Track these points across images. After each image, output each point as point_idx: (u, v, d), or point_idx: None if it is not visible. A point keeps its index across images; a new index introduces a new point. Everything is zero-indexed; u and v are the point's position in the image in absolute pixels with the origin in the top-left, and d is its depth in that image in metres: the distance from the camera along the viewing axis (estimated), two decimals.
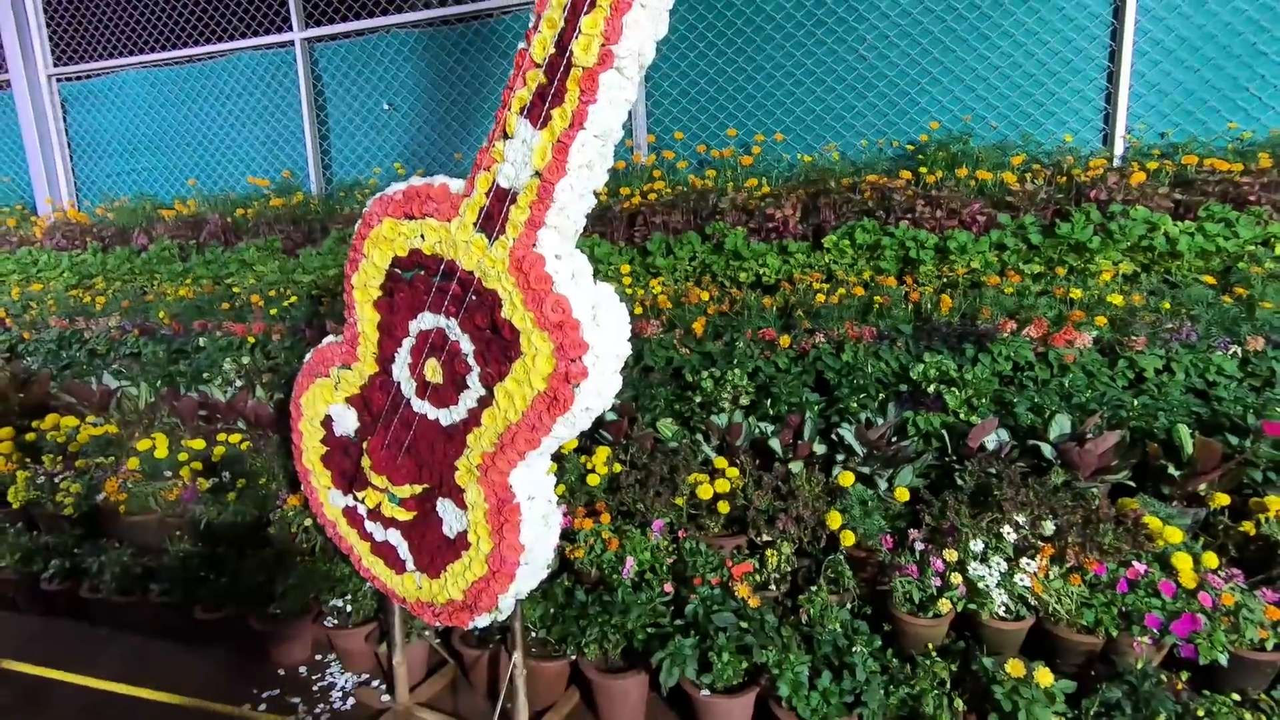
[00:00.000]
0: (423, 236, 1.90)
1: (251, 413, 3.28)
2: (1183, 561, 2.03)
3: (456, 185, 1.85)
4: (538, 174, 1.68)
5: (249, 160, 5.28)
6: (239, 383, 3.53)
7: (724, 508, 2.52)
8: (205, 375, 3.60)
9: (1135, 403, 2.47)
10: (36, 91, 5.64)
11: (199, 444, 3.19)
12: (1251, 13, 3.43)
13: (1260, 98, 3.47)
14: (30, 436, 3.51)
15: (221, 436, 3.21)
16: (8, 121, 5.99)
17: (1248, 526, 2.16)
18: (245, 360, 3.61)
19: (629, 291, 3.42)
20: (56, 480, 3.22)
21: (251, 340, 3.73)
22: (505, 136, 1.72)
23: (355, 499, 2.21)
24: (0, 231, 5.33)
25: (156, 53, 5.41)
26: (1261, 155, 3.12)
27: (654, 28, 1.61)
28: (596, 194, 1.81)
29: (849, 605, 2.27)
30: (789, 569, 2.39)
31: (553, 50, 1.63)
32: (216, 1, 5.19)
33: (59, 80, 5.74)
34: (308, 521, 2.78)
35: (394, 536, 2.16)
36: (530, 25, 1.66)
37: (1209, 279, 2.81)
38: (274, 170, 5.17)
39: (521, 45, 1.68)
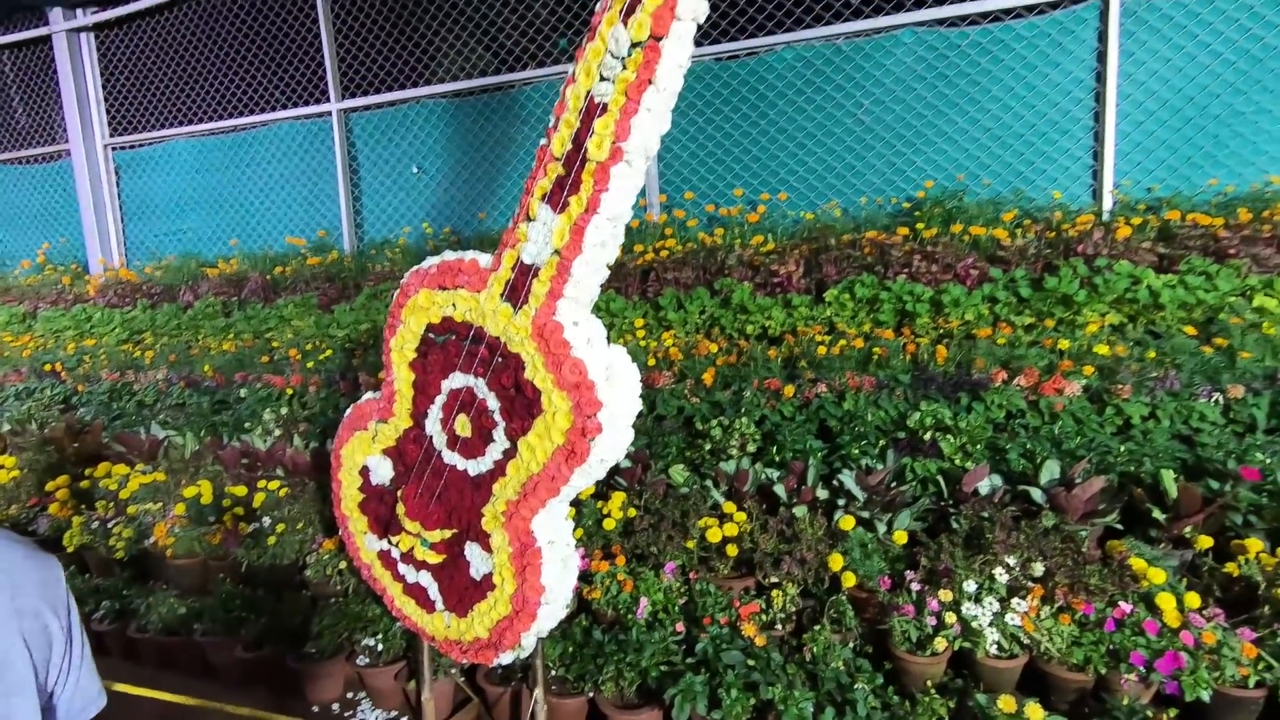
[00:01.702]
0: (454, 305, 2.13)
1: (290, 461, 3.50)
2: (1166, 601, 2.14)
3: (485, 260, 2.09)
4: (557, 252, 1.90)
5: (287, 221, 5.64)
6: (277, 432, 3.76)
7: (732, 550, 2.66)
8: (246, 425, 3.84)
9: (1122, 449, 2.60)
10: (93, 160, 6.09)
11: (241, 491, 3.40)
12: (1227, 76, 3.63)
13: (1240, 154, 3.66)
14: (84, 484, 3.75)
15: (261, 483, 3.42)
16: (64, 187, 6.44)
17: (1231, 568, 2.27)
18: (284, 411, 3.85)
19: (642, 344, 3.62)
20: (109, 525, 3.44)
21: (289, 392, 3.97)
22: (528, 219, 1.96)
23: (390, 543, 2.40)
24: (56, 290, 5.70)
25: (204, 123, 5.84)
26: (1241, 210, 3.29)
27: (659, 126, 1.85)
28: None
29: (851, 644, 2.40)
30: (794, 609, 2.52)
31: (570, 147, 1.87)
32: (260, 76, 5.62)
33: (114, 149, 6.19)
34: (342, 564, 2.97)
35: (425, 578, 2.34)
36: (550, 125, 1.91)
37: (1190, 330, 2.96)
38: (310, 230, 5.51)
39: (543, 142, 1.93)
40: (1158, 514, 2.40)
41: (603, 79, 1.81)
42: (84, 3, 5.91)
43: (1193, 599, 2.15)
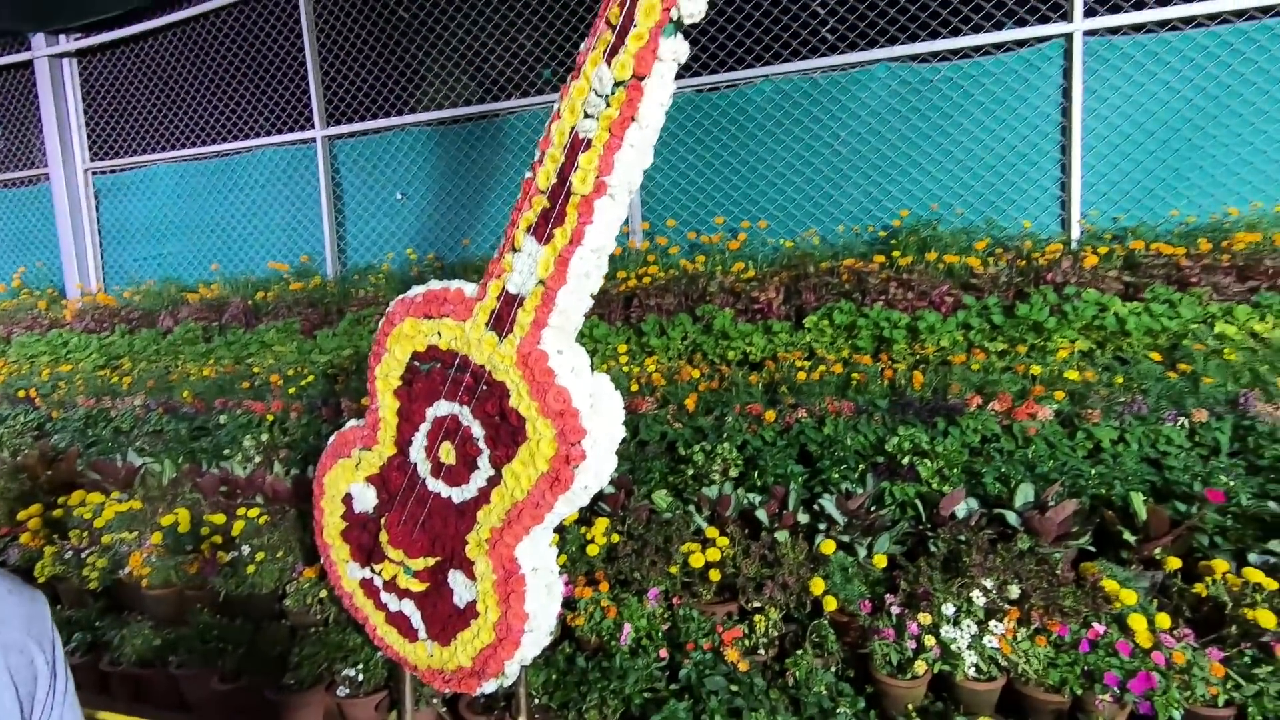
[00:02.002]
0: (440, 334, 2.15)
1: (269, 488, 3.47)
2: (1138, 622, 2.19)
3: (470, 289, 2.12)
4: (542, 282, 1.94)
5: (270, 246, 5.64)
6: (258, 459, 3.73)
7: (715, 575, 2.68)
8: (226, 452, 3.80)
9: (1093, 472, 2.67)
10: (73, 184, 6.06)
11: (220, 519, 3.36)
12: (1186, 113, 3.80)
13: (1200, 186, 3.81)
14: (58, 513, 3.68)
15: (241, 511, 3.39)
16: (42, 211, 6.39)
17: (1199, 588, 2.33)
18: (264, 437, 3.82)
19: (626, 369, 3.66)
20: (83, 555, 3.38)
21: (270, 418, 3.95)
22: (514, 250, 1.99)
23: (373, 571, 2.39)
24: (32, 314, 5.63)
25: (188, 148, 5.85)
26: (1201, 240, 3.42)
27: (641, 161, 1.90)
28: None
29: (833, 668, 2.42)
30: (776, 634, 2.54)
31: (555, 180, 1.92)
32: (245, 103, 5.65)
33: (94, 173, 6.16)
34: (322, 593, 2.94)
35: (408, 607, 2.33)
36: (535, 159, 1.96)
37: (1156, 356, 3.05)
38: (293, 255, 5.51)
39: (528, 175, 1.98)
40: (1128, 536, 2.46)
41: (587, 115, 1.87)
42: (68, 29, 5.93)
43: (1163, 620, 2.21)
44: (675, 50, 1.83)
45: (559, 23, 4.79)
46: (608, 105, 1.84)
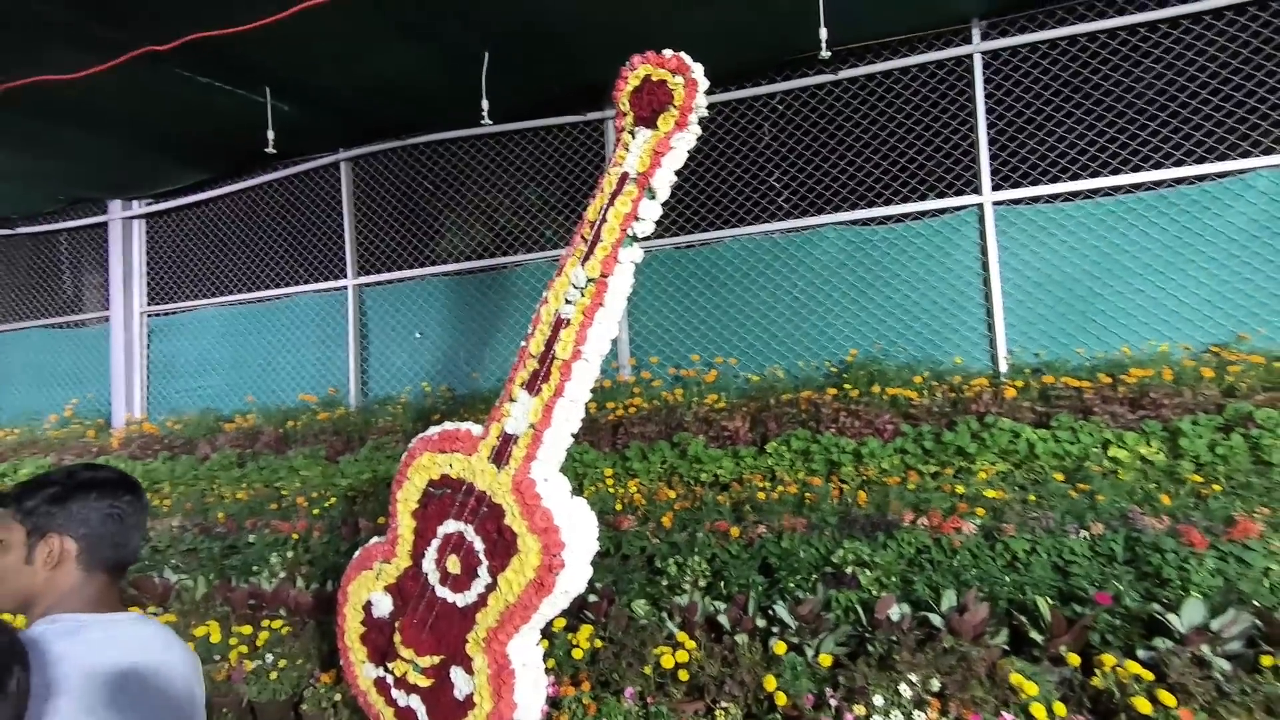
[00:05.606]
0: (451, 465, 2.70)
1: (293, 601, 3.89)
2: (1038, 710, 2.56)
3: (477, 430, 2.69)
4: (532, 425, 2.51)
5: (301, 379, 6.30)
6: (282, 574, 4.16)
7: (684, 675, 3.05)
8: (254, 568, 4.24)
9: (1008, 579, 3.09)
10: (130, 326, 6.84)
11: (247, 629, 3.76)
12: (1085, 265, 4.50)
13: (1105, 327, 4.44)
14: None
15: (266, 622, 3.79)
16: (96, 348, 7.13)
17: (1096, 681, 2.70)
18: (289, 554, 4.27)
19: (611, 491, 4.15)
20: None
21: (295, 537, 4.41)
22: (511, 400, 2.58)
23: (386, 670, 2.80)
24: (81, 443, 6.22)
25: (234, 294, 6.66)
26: (1102, 374, 4.00)
27: (609, 334, 2.53)
28: (587, 408, 2.63)
29: None
30: None
31: (543, 349, 2.54)
32: (287, 257, 6.52)
33: (149, 315, 6.97)
34: (337, 697, 3.30)
35: (415, 701, 2.72)
36: (529, 333, 2.59)
37: (1060, 476, 3.54)
38: (321, 388, 6.16)
39: (522, 344, 2.60)
40: (1035, 635, 2.85)
41: (567, 302, 2.52)
42: (141, 196, 6.92)
43: (1059, 708, 2.57)
44: (633, 256, 2.50)
45: (559, 192, 5.68)
46: (582, 295, 2.49)
